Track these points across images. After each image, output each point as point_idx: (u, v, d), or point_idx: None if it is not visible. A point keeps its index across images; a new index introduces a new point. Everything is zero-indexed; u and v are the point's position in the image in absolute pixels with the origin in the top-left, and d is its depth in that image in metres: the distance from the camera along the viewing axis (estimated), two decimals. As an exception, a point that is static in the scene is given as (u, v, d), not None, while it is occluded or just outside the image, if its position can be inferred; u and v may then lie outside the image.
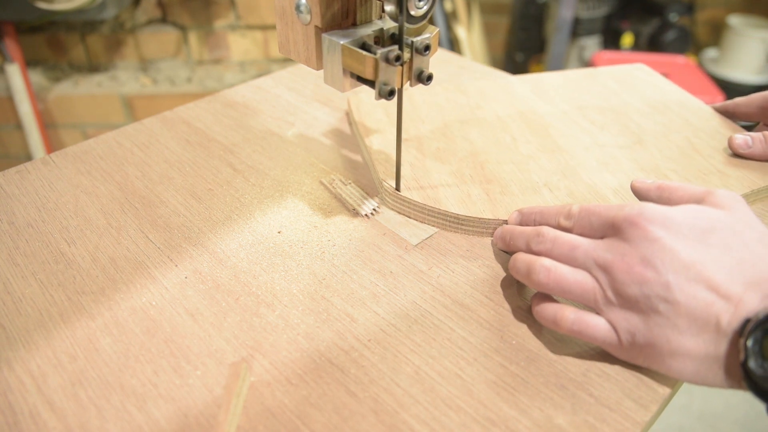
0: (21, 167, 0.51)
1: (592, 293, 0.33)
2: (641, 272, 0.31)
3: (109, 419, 0.31)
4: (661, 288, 0.30)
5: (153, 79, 1.54)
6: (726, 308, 0.29)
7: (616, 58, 1.60)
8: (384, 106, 0.55)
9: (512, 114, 0.56)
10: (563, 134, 0.52)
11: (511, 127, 0.54)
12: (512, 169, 0.48)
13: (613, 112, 0.56)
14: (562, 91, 0.60)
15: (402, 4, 0.36)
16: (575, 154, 0.50)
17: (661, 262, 0.31)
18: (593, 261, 0.33)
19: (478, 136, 0.53)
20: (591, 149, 0.50)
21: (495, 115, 0.56)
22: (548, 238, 0.36)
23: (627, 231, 0.32)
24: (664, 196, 0.37)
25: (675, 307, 0.30)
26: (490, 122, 0.55)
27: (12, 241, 0.42)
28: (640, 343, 0.32)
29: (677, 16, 1.77)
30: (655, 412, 0.32)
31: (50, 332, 0.35)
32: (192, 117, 0.58)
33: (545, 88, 0.60)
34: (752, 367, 0.28)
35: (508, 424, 0.30)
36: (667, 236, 0.31)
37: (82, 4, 1.24)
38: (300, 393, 0.32)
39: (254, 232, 0.44)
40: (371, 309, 0.37)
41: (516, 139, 0.52)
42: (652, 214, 0.32)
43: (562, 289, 0.34)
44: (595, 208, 0.35)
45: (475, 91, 0.60)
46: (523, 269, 0.36)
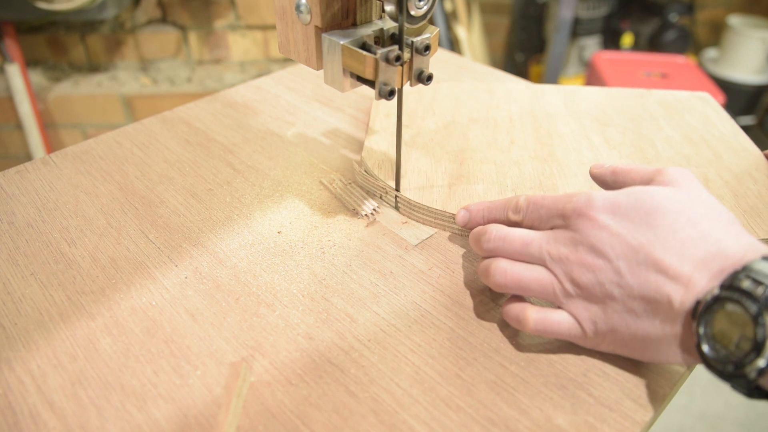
0: (21, 167, 0.51)
1: (550, 287, 0.33)
2: (593, 261, 0.32)
3: (109, 419, 0.31)
4: (613, 274, 0.31)
5: (153, 79, 1.54)
6: (676, 289, 0.30)
7: (615, 58, 1.60)
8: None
9: (525, 118, 0.56)
10: (566, 147, 0.52)
11: (517, 130, 0.54)
12: (490, 170, 0.48)
13: (636, 135, 0.54)
14: (596, 106, 0.58)
15: (402, 4, 0.36)
16: (566, 167, 0.49)
17: (611, 248, 0.31)
18: (547, 255, 0.33)
19: (477, 134, 0.53)
20: (585, 166, 0.49)
21: (508, 117, 0.56)
22: (496, 236, 0.36)
23: (576, 222, 0.33)
24: (619, 179, 0.37)
25: (628, 291, 0.31)
26: (498, 123, 0.55)
27: (12, 241, 0.42)
28: (603, 330, 0.32)
29: (677, 16, 1.77)
30: (655, 412, 0.32)
31: (50, 332, 0.35)
32: (192, 117, 0.58)
33: (578, 100, 0.59)
34: (706, 352, 0.29)
35: (508, 424, 0.30)
36: (614, 223, 0.32)
37: (82, 4, 1.24)
38: (300, 393, 0.32)
39: (254, 232, 0.44)
40: (371, 309, 0.37)
41: (514, 143, 0.52)
42: (598, 203, 0.32)
43: (521, 287, 0.34)
44: (542, 200, 0.35)
45: (502, 92, 0.60)
46: (482, 271, 0.36)
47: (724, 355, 0.28)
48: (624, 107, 0.58)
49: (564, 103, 0.58)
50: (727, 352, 0.28)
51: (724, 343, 0.28)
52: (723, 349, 0.28)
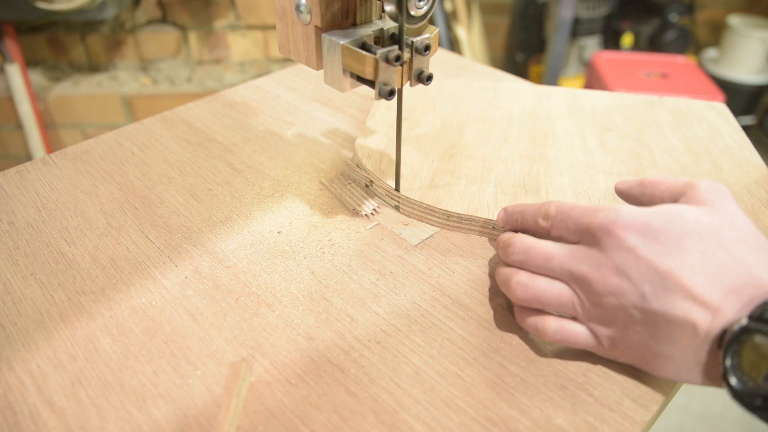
0: (21, 167, 0.51)
1: (570, 304, 0.33)
2: (617, 283, 0.31)
3: (109, 419, 0.31)
4: (637, 298, 0.30)
5: (153, 79, 1.54)
6: (703, 316, 0.29)
7: (615, 58, 1.60)
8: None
9: (524, 118, 0.56)
10: (559, 148, 0.51)
11: (512, 129, 0.54)
12: (476, 166, 0.48)
13: (635, 142, 0.53)
14: (601, 110, 0.58)
15: (402, 4, 0.36)
16: (554, 168, 0.48)
17: (637, 272, 0.30)
18: (569, 272, 0.33)
19: (472, 130, 0.53)
20: (575, 168, 0.48)
21: (507, 116, 0.56)
22: (520, 249, 0.35)
23: (601, 239, 0.32)
24: (647, 192, 0.36)
25: (652, 316, 0.30)
26: (494, 121, 0.55)
27: (12, 241, 0.42)
28: (621, 348, 0.32)
29: (677, 16, 1.77)
30: (655, 412, 0.32)
31: (50, 332, 0.35)
32: (192, 117, 0.58)
33: (584, 103, 0.59)
34: (734, 385, 0.28)
35: (508, 424, 0.30)
36: (641, 244, 0.30)
37: (82, 4, 1.24)
38: (300, 393, 0.32)
39: (254, 232, 0.44)
40: (371, 309, 0.37)
41: (507, 141, 0.52)
42: (625, 221, 0.31)
43: (540, 303, 0.33)
44: (571, 211, 0.34)
45: (508, 92, 0.60)
46: (503, 283, 0.35)
47: (751, 387, 0.27)
48: (630, 113, 0.57)
49: (568, 106, 0.58)
50: (754, 384, 0.27)
51: (752, 375, 0.27)
52: (751, 381, 0.27)
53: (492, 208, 0.43)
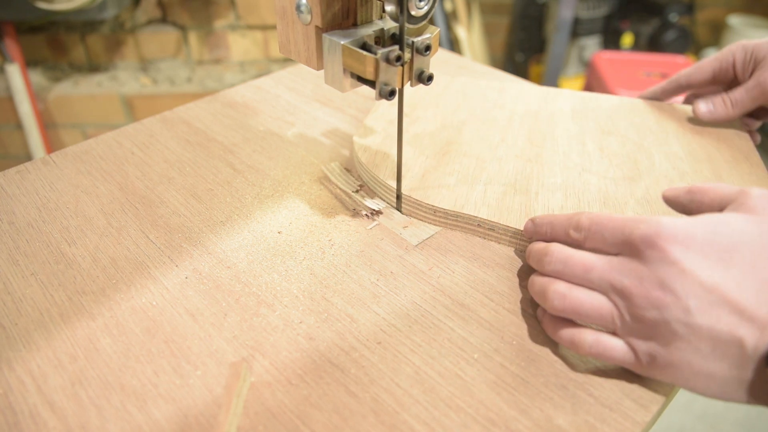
0: (21, 167, 0.51)
1: (609, 317, 0.32)
2: (660, 297, 0.29)
3: (109, 419, 0.31)
4: (681, 313, 0.29)
5: (153, 79, 1.54)
6: (751, 332, 0.28)
7: (615, 58, 1.60)
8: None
9: (526, 119, 0.56)
10: (556, 150, 0.51)
11: (511, 129, 0.54)
12: (469, 164, 0.48)
13: (635, 147, 0.52)
14: (606, 114, 0.57)
15: (402, 5, 0.36)
16: (547, 169, 0.48)
17: (681, 286, 0.29)
18: (609, 284, 0.31)
19: (471, 129, 0.54)
20: (569, 170, 0.48)
21: (507, 116, 0.56)
22: (557, 259, 0.34)
23: (644, 252, 0.30)
24: (695, 199, 0.35)
25: (697, 331, 0.29)
26: (495, 121, 0.55)
27: (12, 241, 0.42)
28: (661, 364, 0.31)
29: (677, 16, 1.77)
30: (656, 412, 0.32)
31: (50, 332, 0.35)
32: (192, 117, 0.58)
33: (590, 106, 0.58)
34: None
35: (508, 424, 0.30)
36: (686, 257, 0.29)
37: (82, 4, 1.24)
38: (300, 393, 0.32)
39: (254, 232, 0.44)
40: (371, 309, 0.37)
41: (504, 141, 0.52)
42: (669, 233, 0.30)
43: (578, 314, 0.32)
44: (607, 222, 0.33)
45: (514, 92, 0.60)
46: (539, 293, 0.34)
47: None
48: (637, 118, 0.56)
49: (572, 108, 0.58)
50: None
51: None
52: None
53: (479, 205, 0.44)
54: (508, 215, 0.43)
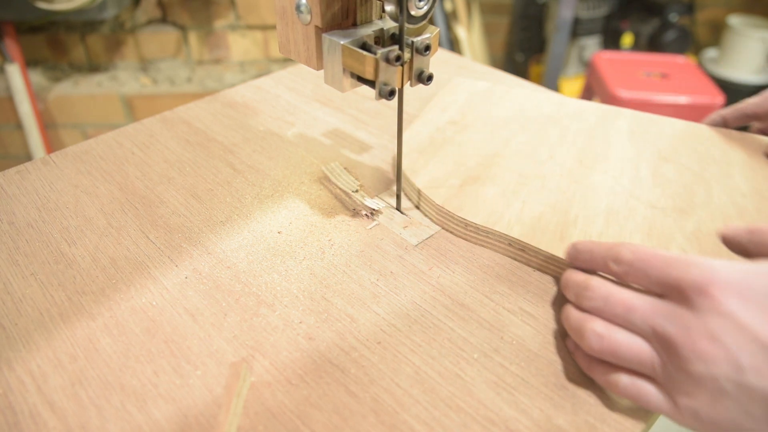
0: (21, 167, 0.51)
1: (649, 364, 0.30)
2: (709, 350, 0.27)
3: (109, 419, 0.31)
4: (732, 370, 0.27)
5: (153, 79, 1.54)
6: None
7: (615, 58, 1.60)
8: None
9: (580, 137, 0.53)
10: (606, 173, 0.48)
11: (562, 147, 0.51)
12: (510, 179, 0.47)
13: (694, 177, 0.47)
14: (668, 139, 0.53)
15: (402, 4, 0.36)
16: (591, 192, 0.45)
17: (734, 340, 0.27)
18: (652, 329, 0.29)
19: (521, 141, 0.52)
20: (616, 195, 0.45)
21: (561, 132, 0.53)
22: (598, 295, 0.32)
23: (693, 299, 0.28)
24: (756, 240, 0.32)
25: (748, 392, 0.26)
26: (547, 136, 0.53)
27: (12, 241, 0.42)
28: (703, 420, 0.28)
29: (677, 16, 1.77)
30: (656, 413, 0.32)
31: (50, 332, 0.35)
32: (192, 117, 0.58)
33: (651, 129, 0.54)
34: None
35: (508, 424, 0.30)
36: (741, 309, 0.27)
37: (82, 4, 1.24)
38: (300, 393, 0.32)
39: (254, 232, 0.44)
40: (371, 309, 0.37)
41: (552, 158, 0.49)
42: (724, 281, 0.28)
43: (616, 357, 0.30)
44: (652, 259, 0.30)
45: (571, 108, 0.57)
46: (575, 329, 0.32)
47: None
48: (700, 146, 0.52)
49: (631, 129, 0.54)
50: None
51: None
52: None
53: (513, 223, 0.42)
54: (542, 237, 0.40)
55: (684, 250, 0.39)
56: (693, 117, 1.51)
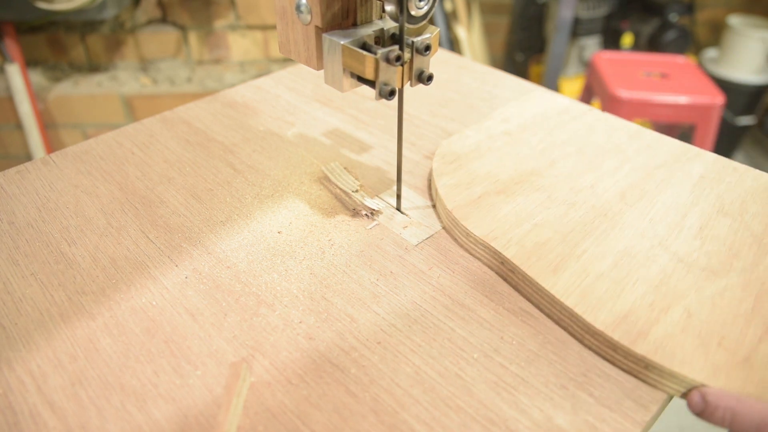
0: (21, 167, 0.51)
1: None
2: None
3: (109, 419, 0.31)
4: None
5: (153, 79, 1.54)
6: None
7: (615, 58, 1.60)
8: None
9: (636, 172, 0.49)
10: (644, 214, 0.44)
11: (611, 178, 0.48)
12: (535, 199, 0.45)
13: (750, 238, 0.42)
14: (739, 192, 0.47)
15: (402, 4, 0.36)
16: (618, 230, 0.42)
17: None
18: None
19: (567, 165, 0.49)
20: (642, 239, 0.41)
21: (619, 163, 0.50)
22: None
23: None
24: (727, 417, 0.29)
25: None
26: (600, 164, 0.49)
27: (12, 241, 0.42)
28: None
29: (677, 16, 1.77)
30: (655, 413, 0.32)
31: (50, 332, 0.35)
32: (192, 117, 0.58)
33: (727, 179, 0.48)
34: None
35: (508, 424, 0.30)
36: None
37: (82, 4, 1.24)
38: (300, 393, 0.32)
39: (254, 232, 0.44)
40: (371, 309, 0.37)
41: (592, 187, 0.46)
42: None
43: None
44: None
45: (646, 141, 0.53)
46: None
47: None
48: None
49: (702, 175, 0.48)
50: None
51: None
52: None
53: (512, 243, 0.40)
54: (536, 264, 0.38)
55: (689, 313, 0.35)
56: (693, 117, 1.50)
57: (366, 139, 0.56)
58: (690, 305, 0.36)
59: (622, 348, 0.33)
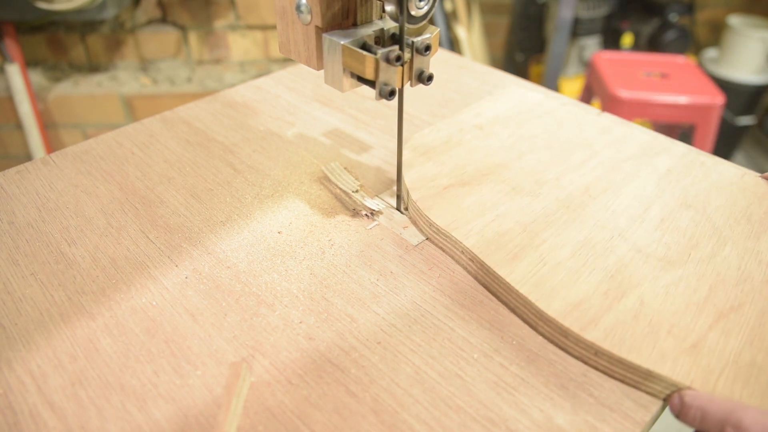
0: (21, 167, 0.51)
1: None
2: None
3: (109, 419, 0.31)
4: None
5: (153, 79, 1.54)
6: None
7: (615, 58, 1.60)
8: None
9: (603, 165, 0.49)
10: (606, 206, 0.44)
11: (577, 171, 0.48)
12: (500, 191, 0.45)
13: (710, 231, 0.42)
14: (704, 185, 0.47)
15: (402, 4, 0.36)
16: (579, 222, 0.42)
17: None
18: None
19: (535, 158, 0.50)
20: (603, 230, 0.42)
21: (587, 156, 0.50)
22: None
23: None
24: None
25: None
26: (568, 158, 0.50)
27: (12, 241, 0.42)
28: None
29: (677, 16, 1.77)
30: (655, 412, 0.32)
31: (50, 332, 0.35)
32: (192, 117, 0.58)
33: (694, 172, 0.49)
34: None
35: (508, 424, 0.30)
36: None
37: (82, 4, 1.24)
38: (300, 393, 0.32)
39: (254, 232, 0.44)
40: (371, 309, 0.37)
41: (557, 180, 0.47)
42: None
43: None
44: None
45: (616, 134, 0.54)
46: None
47: None
48: (743, 201, 0.46)
49: (669, 168, 0.49)
50: None
51: None
52: None
53: (472, 233, 0.41)
54: (495, 253, 0.39)
55: (642, 302, 0.36)
56: (693, 117, 1.50)
57: (366, 139, 0.56)
58: (644, 294, 0.37)
59: (573, 334, 0.34)
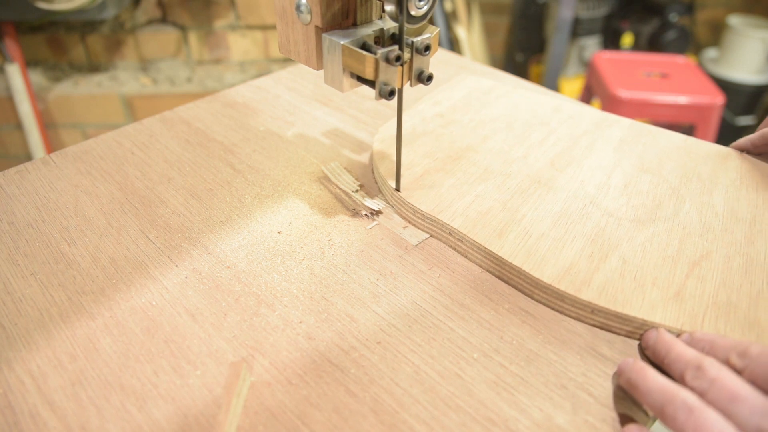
0: (21, 167, 0.51)
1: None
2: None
3: (109, 419, 0.31)
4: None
5: (153, 79, 1.54)
6: None
7: (615, 58, 1.60)
8: None
9: (562, 141, 0.52)
10: (575, 178, 0.47)
11: (540, 149, 0.51)
12: (474, 173, 0.47)
13: (668, 191, 0.46)
14: (657, 152, 0.51)
15: (402, 4, 0.36)
16: (552, 194, 0.45)
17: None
18: (756, 427, 0.26)
19: (499, 140, 0.52)
20: (575, 200, 0.45)
21: (545, 135, 0.53)
22: (709, 376, 0.29)
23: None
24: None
25: None
26: (528, 137, 0.53)
27: (12, 241, 0.42)
28: None
29: (677, 16, 1.77)
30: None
31: (50, 332, 0.35)
32: (192, 117, 0.58)
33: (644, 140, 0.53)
34: None
35: (508, 424, 0.30)
36: None
37: (82, 4, 1.24)
38: (300, 393, 0.32)
39: (254, 232, 0.44)
40: (371, 309, 0.37)
41: (525, 158, 0.49)
42: None
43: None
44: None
45: (567, 113, 0.57)
46: (657, 398, 0.29)
47: None
48: (691, 162, 0.50)
49: (622, 138, 0.53)
50: None
51: None
52: None
53: (457, 214, 0.42)
54: (481, 230, 0.41)
55: (624, 260, 0.39)
56: (693, 117, 1.50)
57: (366, 139, 0.56)
58: (624, 253, 0.40)
59: (569, 297, 0.36)
